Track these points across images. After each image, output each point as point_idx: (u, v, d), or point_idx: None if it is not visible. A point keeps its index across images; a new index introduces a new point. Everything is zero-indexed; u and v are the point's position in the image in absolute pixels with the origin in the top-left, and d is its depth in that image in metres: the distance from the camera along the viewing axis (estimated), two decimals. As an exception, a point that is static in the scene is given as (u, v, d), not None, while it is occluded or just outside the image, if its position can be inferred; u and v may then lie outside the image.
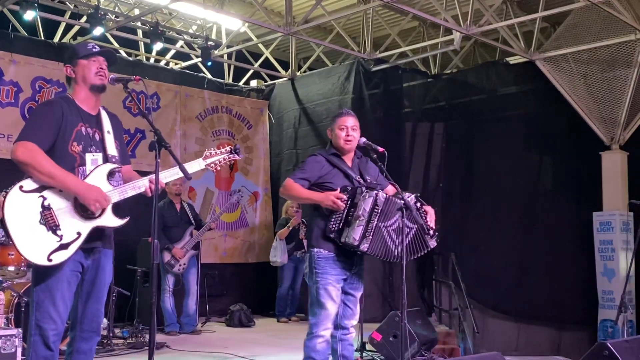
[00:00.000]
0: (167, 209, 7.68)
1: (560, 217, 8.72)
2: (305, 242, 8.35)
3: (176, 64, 10.40)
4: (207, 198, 9.84)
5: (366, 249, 4.02)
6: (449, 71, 10.37)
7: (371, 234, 4.02)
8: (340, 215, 4.06)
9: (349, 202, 4.07)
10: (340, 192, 4.10)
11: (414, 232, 4.14)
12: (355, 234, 4.00)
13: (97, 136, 3.43)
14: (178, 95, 9.70)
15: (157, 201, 3.29)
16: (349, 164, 4.32)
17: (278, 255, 8.95)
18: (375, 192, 4.06)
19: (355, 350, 6.08)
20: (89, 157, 3.36)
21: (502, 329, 8.77)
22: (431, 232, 4.17)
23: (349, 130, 4.29)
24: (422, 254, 4.20)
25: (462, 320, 7.87)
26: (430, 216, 4.21)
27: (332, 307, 4.11)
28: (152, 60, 10.19)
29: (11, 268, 5.82)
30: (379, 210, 4.03)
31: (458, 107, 9.63)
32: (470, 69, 10.02)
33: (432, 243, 4.20)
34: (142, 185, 3.40)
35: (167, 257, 7.54)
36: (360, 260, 4.28)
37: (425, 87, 9.88)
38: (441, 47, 9.60)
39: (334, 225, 4.07)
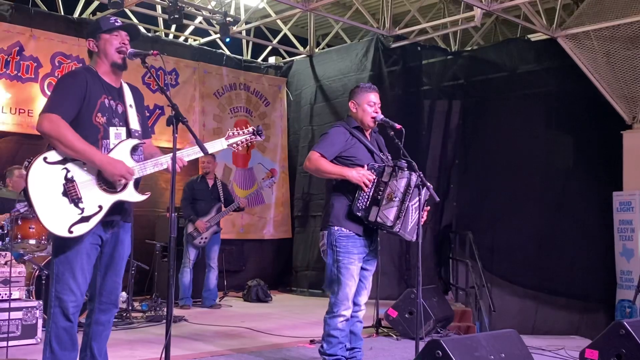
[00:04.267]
0: (198, 182, 7.86)
1: (580, 196, 8.66)
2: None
3: (195, 40, 10.41)
4: (225, 175, 9.90)
5: (399, 230, 4.02)
6: (469, 48, 10.27)
7: (404, 214, 4.02)
8: (368, 193, 4.05)
9: (375, 180, 4.06)
10: (367, 169, 4.10)
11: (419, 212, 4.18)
12: (389, 214, 3.98)
13: (119, 109, 3.47)
14: (196, 71, 9.73)
15: (192, 176, 3.32)
16: (368, 138, 4.33)
17: None
18: (408, 172, 4.04)
19: (371, 327, 6.16)
20: (112, 130, 3.39)
21: (520, 308, 8.78)
22: (424, 214, 4.23)
23: (376, 107, 4.29)
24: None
25: (479, 298, 7.90)
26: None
27: (352, 286, 4.15)
28: (170, 37, 10.20)
29: (32, 241, 5.93)
30: (411, 191, 4.03)
31: (477, 85, 9.55)
32: (491, 46, 9.92)
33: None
34: (163, 162, 3.42)
35: (190, 228, 7.70)
36: (377, 237, 4.30)
37: (444, 64, 9.81)
38: (462, 24, 9.50)
39: (361, 204, 4.05)
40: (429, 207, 4.28)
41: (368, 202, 4.04)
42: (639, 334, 4.31)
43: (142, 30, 9.61)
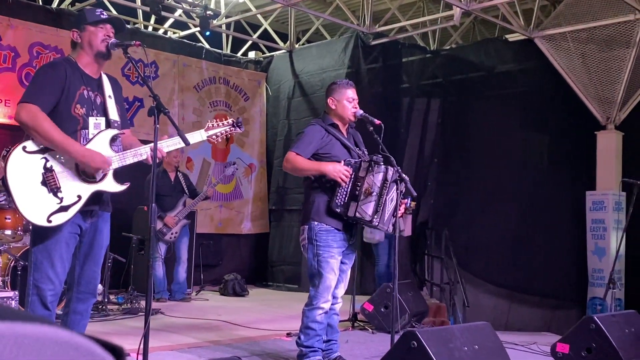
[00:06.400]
0: (160, 177, 7.70)
1: (554, 195, 8.79)
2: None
3: (174, 32, 10.37)
4: (204, 169, 9.90)
5: (377, 223, 4.08)
6: (448, 47, 10.38)
7: (381, 208, 4.08)
8: (346, 189, 4.10)
9: (352, 176, 4.11)
10: (344, 165, 4.14)
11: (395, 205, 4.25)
12: (368, 209, 4.03)
13: (98, 100, 3.48)
14: (176, 64, 9.70)
15: (156, 168, 3.34)
16: (345, 135, 4.37)
17: (376, 231, 8.00)
18: (384, 166, 4.10)
19: (347, 320, 6.21)
20: (91, 120, 3.41)
21: (493, 304, 8.90)
22: (402, 207, 4.32)
23: (355, 103, 4.34)
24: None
25: (453, 294, 7.99)
26: None
27: (332, 279, 4.19)
28: (150, 29, 10.16)
29: (8, 232, 5.89)
30: (388, 185, 4.09)
31: (455, 84, 9.65)
32: (469, 46, 10.02)
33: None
34: (143, 152, 3.44)
35: (159, 225, 7.62)
36: (356, 232, 4.35)
37: (423, 62, 9.90)
38: (441, 23, 9.60)
39: (339, 200, 4.09)
40: (406, 200, 4.34)
41: (346, 198, 4.09)
42: (608, 329, 4.43)
43: (122, 22, 9.56)
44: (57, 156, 3.28)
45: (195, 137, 3.61)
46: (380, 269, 8.29)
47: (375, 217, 4.05)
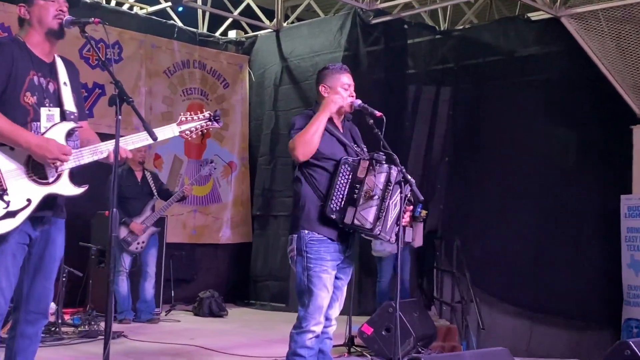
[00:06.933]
0: (125, 177, 7.61)
1: (583, 199, 8.82)
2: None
3: (141, 8, 10.34)
4: (175, 167, 9.86)
5: (379, 232, 4.04)
6: (461, 27, 10.38)
7: (384, 214, 4.04)
8: (342, 193, 4.08)
9: (350, 177, 4.09)
10: (341, 164, 4.11)
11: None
12: (368, 215, 3.98)
13: (51, 87, 3.45)
14: (143, 45, 9.67)
15: (118, 167, 3.30)
16: (340, 129, 4.35)
17: (386, 243, 7.23)
18: (387, 165, 4.07)
19: (342, 345, 6.21)
20: (44, 111, 3.38)
21: (512, 326, 8.91)
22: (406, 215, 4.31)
23: (351, 90, 4.31)
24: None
25: (466, 314, 8.00)
26: None
27: (325, 298, 4.13)
28: (113, 4, 10.12)
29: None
30: (392, 187, 4.07)
31: (469, 69, 9.67)
32: (486, 25, 10.04)
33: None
34: (104, 149, 3.41)
35: (123, 232, 7.53)
36: (354, 242, 4.32)
37: (432, 44, 9.91)
38: (453, -1, 9.60)
39: (335, 204, 4.07)
40: (411, 207, 4.33)
41: (343, 202, 4.06)
42: (646, 356, 4.42)
43: (80, -5, 9.53)
44: (4, 153, 3.25)
45: (166, 132, 3.58)
46: (383, 285, 8.27)
47: (378, 224, 4.03)
